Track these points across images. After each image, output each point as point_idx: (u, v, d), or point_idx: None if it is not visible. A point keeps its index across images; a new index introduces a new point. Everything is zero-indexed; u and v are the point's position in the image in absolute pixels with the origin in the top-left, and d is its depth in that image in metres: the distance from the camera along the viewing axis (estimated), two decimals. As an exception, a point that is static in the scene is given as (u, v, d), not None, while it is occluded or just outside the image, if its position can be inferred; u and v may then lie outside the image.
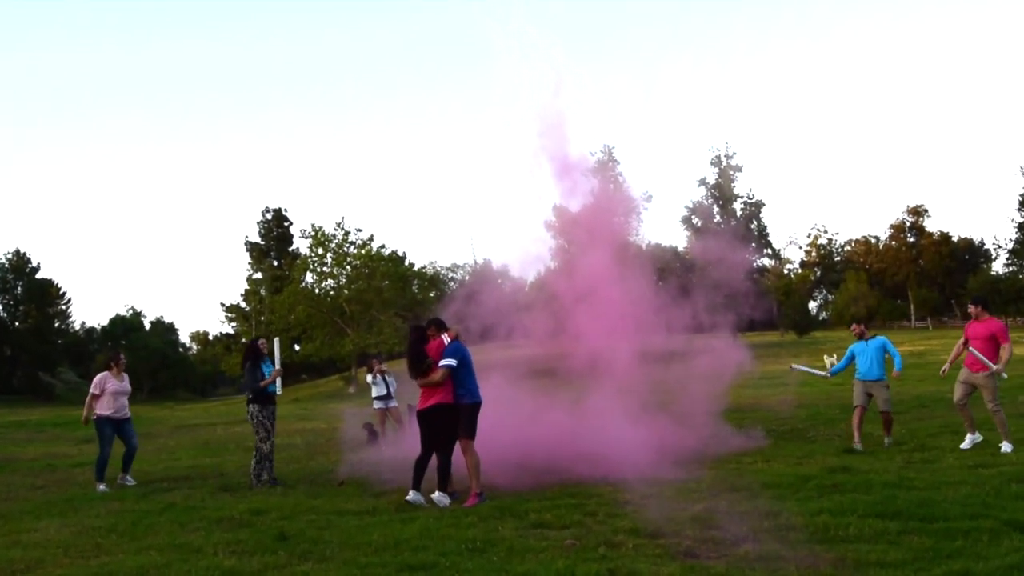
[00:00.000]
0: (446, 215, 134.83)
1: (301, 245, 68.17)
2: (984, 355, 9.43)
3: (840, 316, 73.31)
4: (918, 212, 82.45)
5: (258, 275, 75.93)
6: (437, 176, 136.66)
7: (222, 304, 77.26)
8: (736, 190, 61.95)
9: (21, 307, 76.97)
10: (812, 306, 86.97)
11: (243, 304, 75.30)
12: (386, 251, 57.70)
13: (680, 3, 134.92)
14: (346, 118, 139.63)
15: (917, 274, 79.77)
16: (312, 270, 57.26)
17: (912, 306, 78.66)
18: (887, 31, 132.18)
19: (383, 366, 13.90)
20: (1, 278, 76.61)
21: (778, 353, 42.45)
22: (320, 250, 56.40)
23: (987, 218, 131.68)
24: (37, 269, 78.09)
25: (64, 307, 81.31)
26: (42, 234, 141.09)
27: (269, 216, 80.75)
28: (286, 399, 10.83)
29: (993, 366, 9.38)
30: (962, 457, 9.04)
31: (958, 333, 12.01)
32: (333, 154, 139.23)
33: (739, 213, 61.86)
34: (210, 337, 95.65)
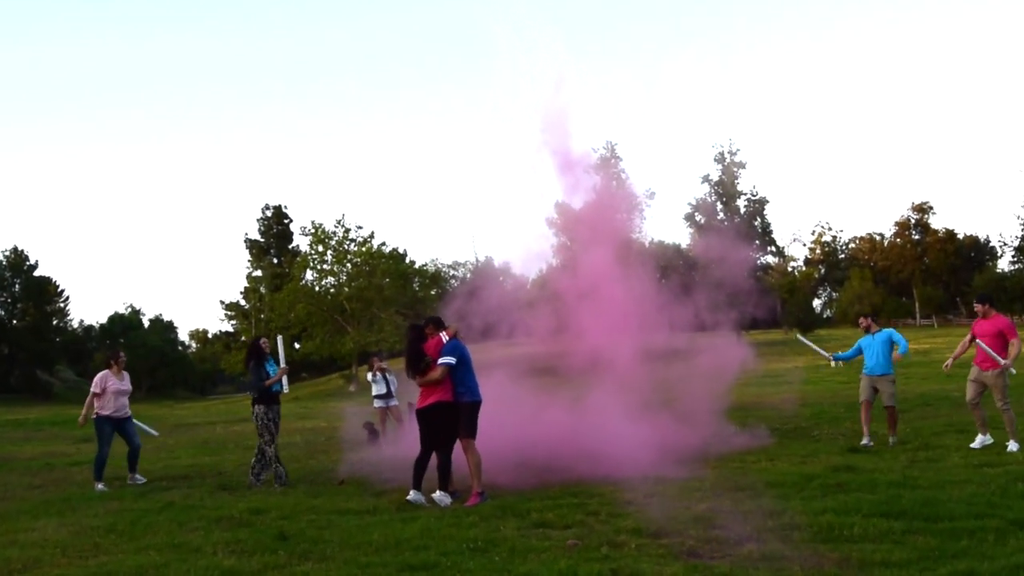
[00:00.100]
0: (447, 212, 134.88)
1: (301, 242, 68.14)
2: (993, 351, 9.40)
3: (844, 314, 73.31)
4: (923, 209, 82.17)
5: (258, 273, 75.92)
6: (438, 173, 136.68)
7: (221, 302, 77.24)
8: (740, 187, 61.63)
9: (19, 305, 76.64)
10: (816, 304, 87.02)
11: (243, 302, 75.30)
12: (387, 248, 57.61)
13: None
14: (347, 114, 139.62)
15: (922, 272, 79.53)
16: (312, 268, 57.20)
17: (917, 304, 78.46)
18: (891, 27, 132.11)
19: (383, 364, 13.85)
20: (-2, 275, 76.53)
21: (782, 351, 42.41)
22: (320, 247, 56.33)
23: (993, 215, 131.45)
24: (35, 267, 77.87)
25: (62, 305, 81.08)
26: (40, 231, 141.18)
27: (269, 213, 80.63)
28: (286, 398, 10.81)
29: (1002, 360, 9.35)
30: (967, 456, 9.01)
31: (963, 331, 11.96)
32: (333, 150, 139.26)
33: (743, 210, 61.62)
34: (209, 335, 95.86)
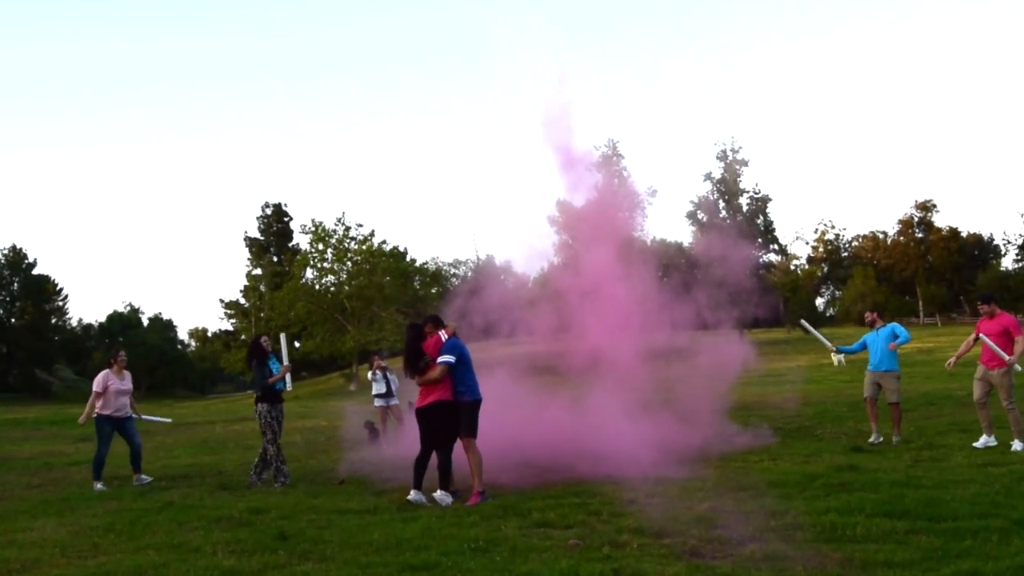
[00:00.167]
0: (448, 210, 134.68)
1: (301, 240, 67.96)
2: (998, 348, 9.38)
3: (847, 313, 73.23)
4: (926, 207, 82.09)
5: (258, 271, 75.74)
6: (439, 170, 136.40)
7: (221, 300, 76.93)
8: (742, 185, 61.46)
9: (17, 303, 76.52)
10: (819, 302, 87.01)
11: (242, 300, 75.08)
12: (387, 247, 57.63)
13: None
14: (347, 111, 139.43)
15: (925, 270, 79.44)
16: (312, 266, 57.21)
17: (920, 303, 78.35)
18: (894, 25, 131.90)
19: (384, 363, 13.81)
20: (-3, 274, 76.49)
21: (784, 350, 42.44)
22: (320, 246, 56.32)
23: (997, 213, 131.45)
24: (34, 265, 77.82)
25: (61, 303, 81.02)
26: (39, 229, 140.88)
27: (269, 211, 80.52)
28: (285, 396, 10.79)
29: (1007, 356, 9.32)
30: (971, 455, 8.99)
31: (967, 330, 11.94)
32: (334, 148, 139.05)
33: (745, 208, 61.48)
34: (209, 334, 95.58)
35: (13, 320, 75.60)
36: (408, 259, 60.61)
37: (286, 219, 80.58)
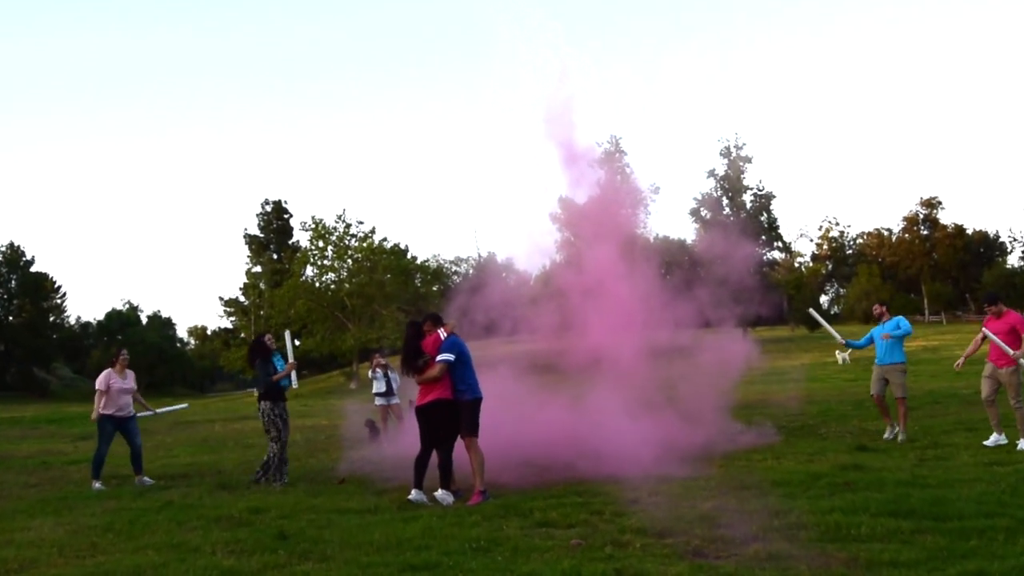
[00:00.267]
0: (449, 207, 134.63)
1: (301, 238, 67.76)
2: (1005, 345, 9.34)
3: (852, 310, 73.13)
4: (932, 204, 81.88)
5: (257, 268, 75.54)
6: (440, 167, 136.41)
7: (220, 298, 76.65)
8: (746, 182, 61.17)
9: (15, 301, 76.26)
10: (823, 300, 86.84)
11: (242, 298, 74.96)
12: (388, 244, 57.58)
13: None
14: (347, 108, 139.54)
15: (931, 268, 79.24)
16: (312, 263, 57.11)
17: (925, 300, 78.11)
18: (900, 20, 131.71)
19: (384, 361, 13.77)
20: (-5, 272, 76.39)
21: (788, 348, 42.40)
22: (321, 243, 56.22)
23: (1002, 211, 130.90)
24: (31, 262, 77.65)
25: (59, 301, 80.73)
26: (37, 227, 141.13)
27: (269, 208, 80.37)
28: (288, 395, 10.76)
29: (1012, 352, 9.28)
30: (977, 454, 8.95)
31: (972, 327, 11.89)
32: (334, 145, 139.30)
33: (749, 205, 61.26)
34: (208, 332, 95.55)
35: (11, 318, 75.39)
36: (409, 256, 60.60)
37: (286, 216, 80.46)
